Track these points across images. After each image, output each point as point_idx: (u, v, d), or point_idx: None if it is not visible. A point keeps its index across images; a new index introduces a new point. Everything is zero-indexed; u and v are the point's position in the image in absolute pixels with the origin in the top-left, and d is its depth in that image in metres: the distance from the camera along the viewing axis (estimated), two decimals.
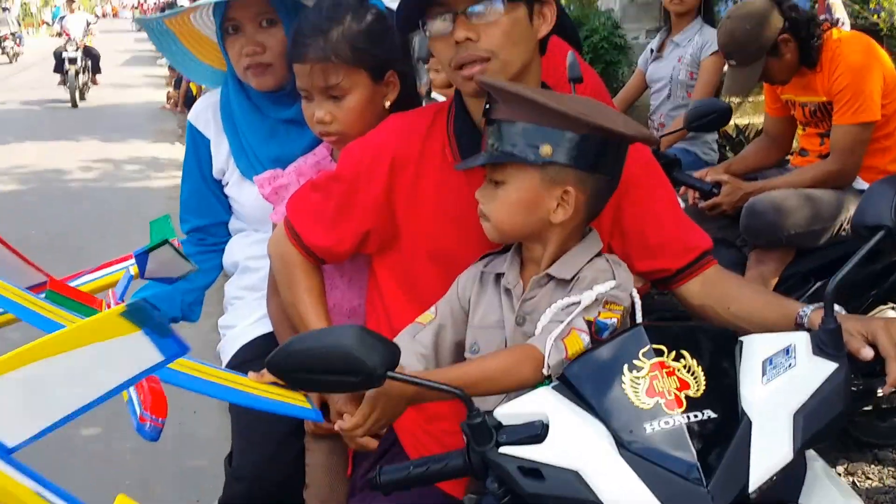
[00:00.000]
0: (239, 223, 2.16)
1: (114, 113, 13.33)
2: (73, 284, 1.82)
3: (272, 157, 2.02)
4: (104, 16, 67.02)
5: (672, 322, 1.89)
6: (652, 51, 4.18)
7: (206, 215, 2.17)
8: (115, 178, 8.86)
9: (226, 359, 2.08)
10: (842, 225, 2.99)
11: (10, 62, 24.19)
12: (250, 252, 2.09)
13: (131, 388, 1.35)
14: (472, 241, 1.61)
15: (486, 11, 1.50)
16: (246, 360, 1.98)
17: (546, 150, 1.42)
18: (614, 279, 1.48)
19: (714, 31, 3.89)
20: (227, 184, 2.13)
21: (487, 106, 1.47)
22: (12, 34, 25.34)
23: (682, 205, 3.01)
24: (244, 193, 2.08)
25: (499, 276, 1.56)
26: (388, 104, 1.85)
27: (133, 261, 1.88)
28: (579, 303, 1.44)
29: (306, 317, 1.71)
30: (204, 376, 1.44)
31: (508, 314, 1.53)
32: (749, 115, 6.30)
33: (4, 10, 26.61)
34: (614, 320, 1.45)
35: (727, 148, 5.27)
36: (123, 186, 8.35)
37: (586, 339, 1.41)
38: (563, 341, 1.39)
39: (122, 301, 1.83)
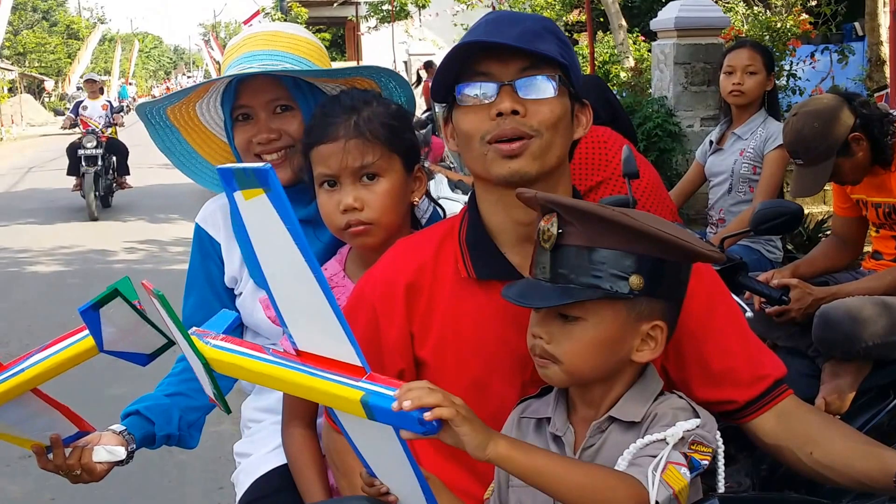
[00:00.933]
0: (257, 339, 1.95)
1: (162, 193, 13.47)
2: (23, 366, 1.46)
3: None
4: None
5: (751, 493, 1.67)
6: (711, 143, 4.00)
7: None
8: (159, 260, 8.83)
9: (240, 491, 1.88)
10: None
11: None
12: None
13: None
14: (496, 363, 1.43)
15: (538, 87, 1.40)
16: (261, 496, 1.80)
17: (636, 281, 1.24)
18: (698, 417, 1.29)
19: (779, 124, 3.71)
20: (241, 294, 1.92)
21: (560, 231, 1.27)
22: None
23: (749, 312, 2.79)
24: (257, 303, 1.87)
25: (540, 422, 1.36)
26: (416, 200, 1.71)
27: None
28: (664, 440, 1.24)
29: None
30: None
31: None
32: (808, 206, 6.08)
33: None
34: (706, 462, 1.26)
35: (786, 240, 5.06)
36: (167, 269, 8.29)
37: (687, 473, 1.22)
38: (662, 476, 1.20)
39: None
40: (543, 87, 1.40)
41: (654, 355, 1.31)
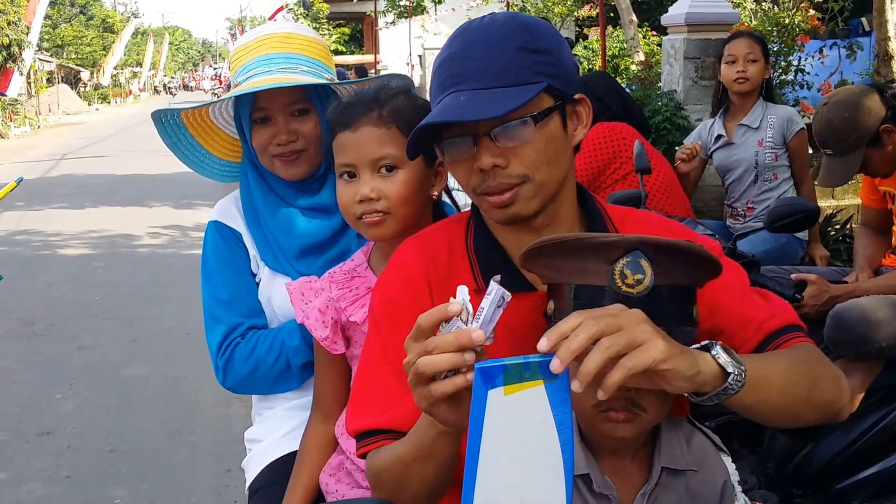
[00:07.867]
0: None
1: (186, 180, 13.55)
2: None
3: (297, 250, 1.86)
4: (186, 87, 72.01)
5: None
6: (720, 136, 3.99)
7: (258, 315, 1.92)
8: (181, 244, 8.94)
9: (250, 477, 1.88)
10: None
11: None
12: None
13: None
14: None
15: (516, 134, 1.26)
16: (270, 482, 1.79)
17: (697, 313, 1.16)
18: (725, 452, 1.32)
19: (783, 107, 3.88)
20: (260, 280, 1.93)
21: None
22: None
23: None
24: (274, 288, 1.89)
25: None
26: (435, 194, 1.67)
27: None
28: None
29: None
30: None
31: None
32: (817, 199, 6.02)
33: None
34: None
35: None
36: (188, 254, 8.38)
37: None
38: None
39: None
40: (521, 132, 1.26)
41: None
